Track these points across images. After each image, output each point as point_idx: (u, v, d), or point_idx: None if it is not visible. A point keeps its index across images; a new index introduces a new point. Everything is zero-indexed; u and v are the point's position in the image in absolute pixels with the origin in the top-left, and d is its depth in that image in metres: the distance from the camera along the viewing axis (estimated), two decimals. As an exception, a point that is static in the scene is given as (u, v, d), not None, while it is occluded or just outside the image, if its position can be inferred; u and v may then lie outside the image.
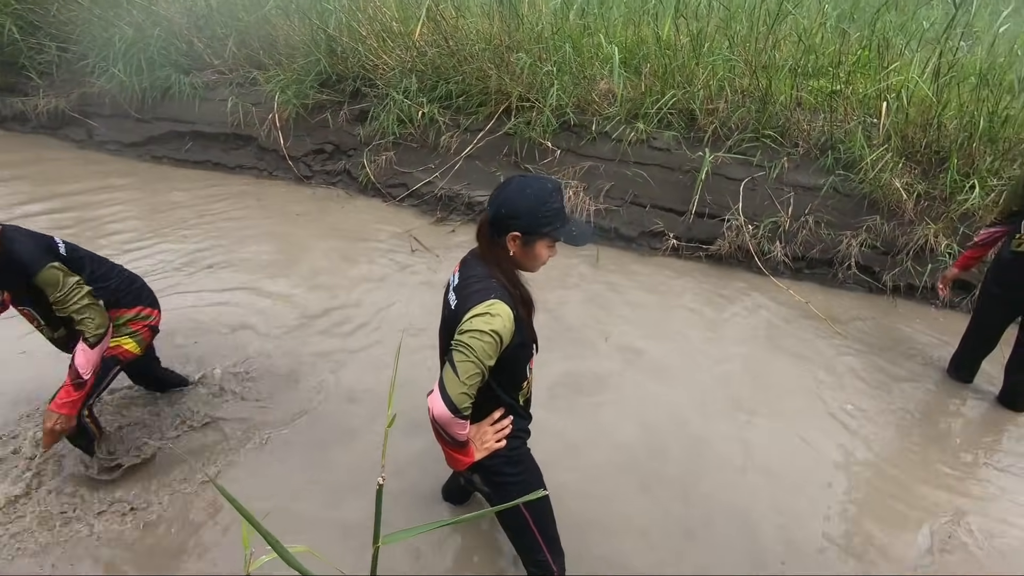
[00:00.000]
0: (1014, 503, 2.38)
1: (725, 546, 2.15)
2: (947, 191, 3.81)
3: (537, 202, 1.45)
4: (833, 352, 3.25)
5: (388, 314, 3.38)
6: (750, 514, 2.27)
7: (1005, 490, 2.45)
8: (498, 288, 1.49)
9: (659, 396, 2.87)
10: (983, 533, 2.25)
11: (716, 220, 4.15)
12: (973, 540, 2.22)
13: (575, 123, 4.70)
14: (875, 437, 2.69)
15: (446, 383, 1.44)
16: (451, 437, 1.50)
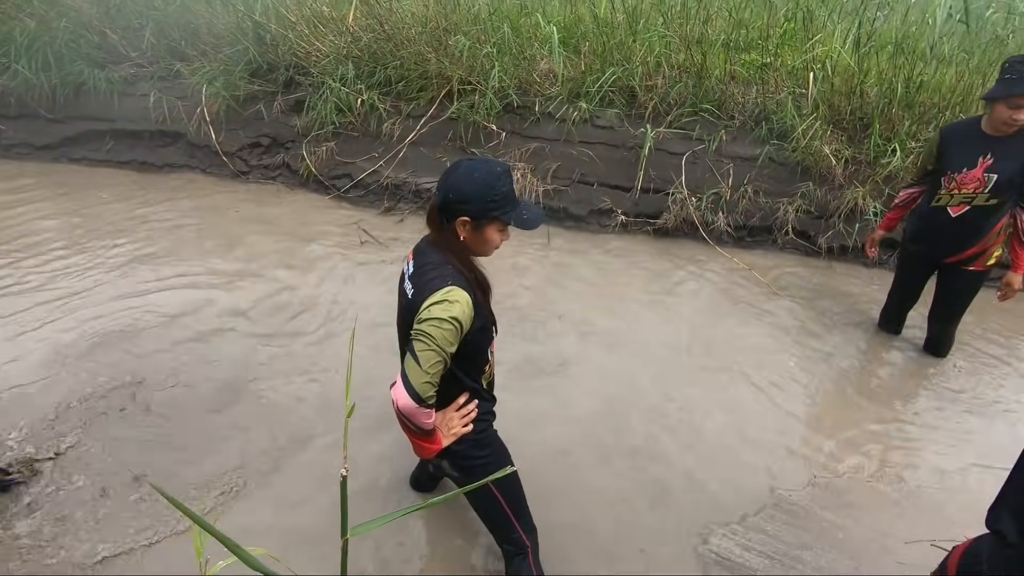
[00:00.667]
0: (931, 440, 2.59)
1: (685, 505, 2.24)
2: (871, 155, 4.04)
3: (486, 186, 1.43)
4: (776, 314, 3.41)
5: (341, 308, 3.31)
6: (706, 472, 2.38)
7: (924, 429, 2.65)
8: (454, 274, 1.48)
9: (615, 368, 2.94)
10: (900, 468, 2.44)
11: (661, 194, 4.25)
12: (890, 476, 2.40)
13: (518, 105, 4.69)
14: (816, 390, 2.86)
15: (408, 373, 1.42)
16: (417, 426, 1.50)
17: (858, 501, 2.28)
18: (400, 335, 1.63)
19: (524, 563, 1.78)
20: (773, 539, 2.12)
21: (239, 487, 2.25)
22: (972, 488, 2.35)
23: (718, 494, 2.29)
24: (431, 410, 1.46)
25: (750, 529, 2.15)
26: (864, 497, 2.30)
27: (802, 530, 2.15)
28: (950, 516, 2.23)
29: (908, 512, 2.25)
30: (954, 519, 2.20)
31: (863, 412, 2.74)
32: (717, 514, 2.21)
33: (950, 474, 2.42)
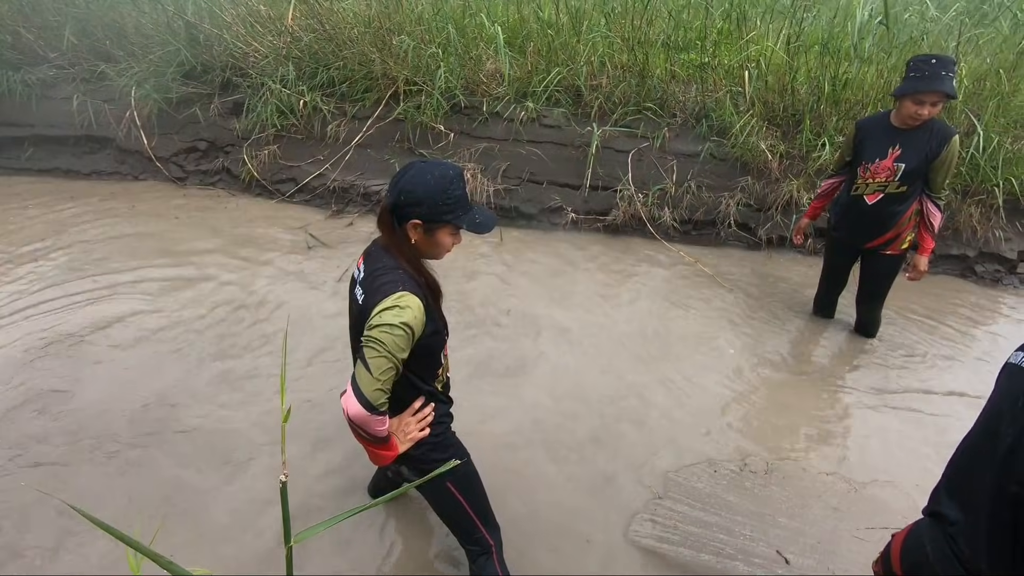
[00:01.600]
0: (863, 418, 2.76)
1: (631, 494, 2.30)
2: (803, 150, 4.25)
3: (438, 189, 1.42)
4: (721, 303, 3.55)
5: (290, 316, 3.21)
6: (652, 458, 2.45)
7: (857, 407, 2.82)
8: (405, 279, 1.46)
9: (567, 362, 2.98)
10: (835, 446, 2.59)
11: (609, 191, 4.34)
12: (825, 455, 2.55)
13: (466, 105, 4.68)
14: (759, 374, 3.00)
15: (359, 381, 1.40)
16: (370, 435, 1.47)
17: (796, 481, 2.40)
18: (352, 342, 1.60)
19: (488, 562, 1.78)
20: (710, 520, 2.20)
21: (177, 507, 2.16)
22: (906, 464, 2.51)
23: (664, 479, 2.36)
24: (384, 417, 1.44)
25: (692, 508, 2.23)
26: (800, 477, 2.42)
27: (741, 512, 2.25)
28: (884, 495, 2.38)
29: (842, 489, 2.38)
30: (887, 498, 2.35)
31: (801, 393, 2.89)
32: (661, 500, 2.28)
33: (882, 452, 2.58)
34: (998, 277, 4.00)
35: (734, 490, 2.33)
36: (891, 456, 2.54)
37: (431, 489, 1.74)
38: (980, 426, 1.23)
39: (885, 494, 2.35)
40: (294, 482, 2.24)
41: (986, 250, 4.02)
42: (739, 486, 2.35)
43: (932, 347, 3.27)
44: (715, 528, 2.18)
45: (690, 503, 2.27)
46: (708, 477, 2.39)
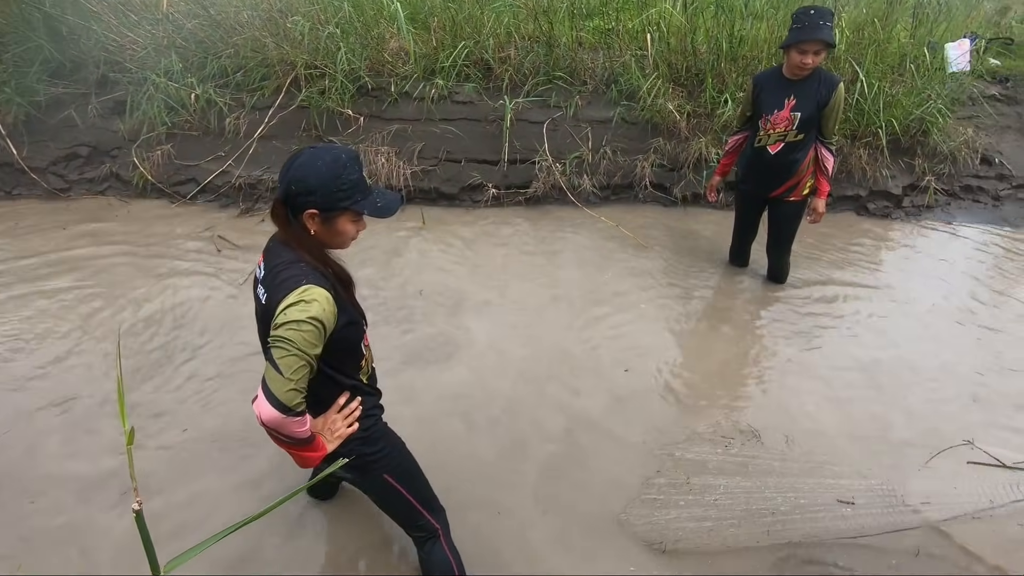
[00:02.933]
0: (782, 356, 2.95)
1: (560, 459, 2.35)
2: (708, 108, 4.40)
3: (331, 175, 1.34)
4: (645, 263, 3.66)
5: (203, 325, 3.02)
6: (581, 420, 2.52)
7: (775, 344, 3.02)
8: (308, 272, 1.38)
9: (499, 338, 2.98)
10: (757, 384, 2.77)
11: (528, 164, 4.33)
12: (749, 392, 2.72)
13: (373, 86, 4.51)
14: (685, 324, 3.13)
15: (269, 383, 1.32)
16: (291, 438, 1.40)
17: (722, 419, 2.54)
18: (262, 344, 1.52)
19: (436, 545, 1.77)
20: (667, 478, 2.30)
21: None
22: (828, 396, 2.71)
23: (587, 440, 2.43)
24: (302, 417, 1.37)
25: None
26: (725, 414, 2.57)
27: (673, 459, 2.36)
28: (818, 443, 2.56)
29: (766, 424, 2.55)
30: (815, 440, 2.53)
31: (723, 338, 3.05)
32: (580, 459, 2.35)
33: (803, 390, 2.77)
34: (887, 212, 4.34)
35: (670, 429, 2.43)
36: (815, 384, 2.73)
37: (369, 484, 1.70)
38: None
39: (818, 442, 2.53)
40: (236, 497, 2.14)
41: (876, 188, 4.34)
42: (680, 426, 2.46)
43: (839, 281, 3.52)
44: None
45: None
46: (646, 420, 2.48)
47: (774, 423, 2.52)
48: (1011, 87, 5.01)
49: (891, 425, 2.54)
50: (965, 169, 4.50)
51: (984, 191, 4.49)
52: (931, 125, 4.38)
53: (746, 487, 2.23)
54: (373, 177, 4.16)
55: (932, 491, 2.23)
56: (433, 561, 1.76)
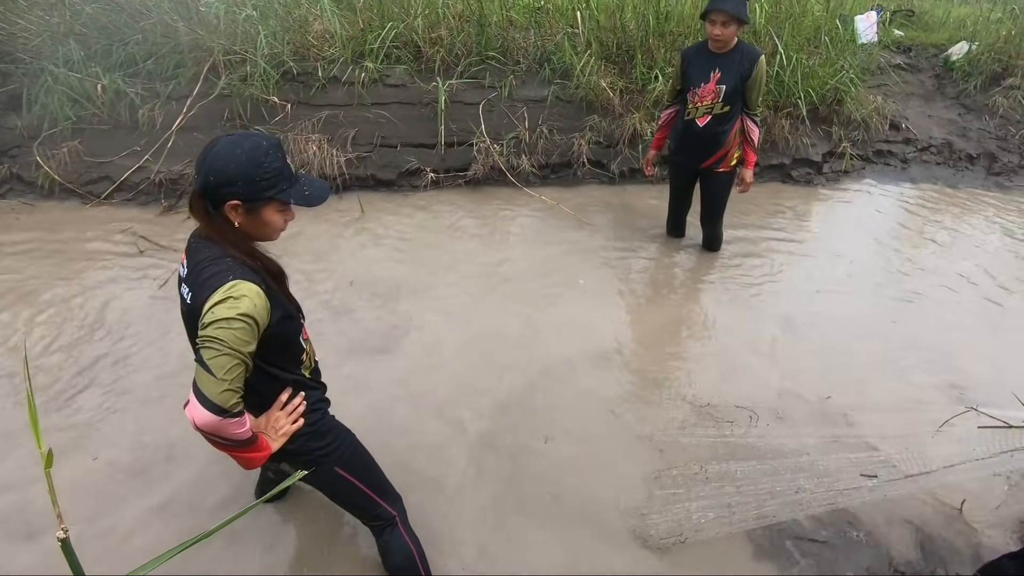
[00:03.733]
0: (719, 320, 3.09)
1: (508, 428, 2.39)
2: (640, 84, 4.48)
3: (252, 163, 1.27)
4: (586, 239, 3.72)
5: (126, 333, 2.84)
6: (526, 394, 2.57)
7: (713, 310, 3.15)
8: (235, 266, 1.32)
9: (442, 326, 2.96)
10: (700, 344, 2.89)
11: (465, 146, 4.29)
12: (693, 353, 2.84)
13: (299, 72, 4.32)
14: (629, 296, 3.22)
15: (201, 386, 1.26)
16: (231, 440, 1.34)
17: (669, 378, 2.65)
18: (192, 346, 1.44)
19: (394, 533, 1.76)
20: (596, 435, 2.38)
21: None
22: (757, 351, 2.86)
23: (531, 411, 2.48)
24: (240, 418, 1.31)
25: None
26: (674, 372, 2.67)
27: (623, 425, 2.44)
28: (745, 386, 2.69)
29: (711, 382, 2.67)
30: (749, 389, 2.67)
31: (664, 306, 3.16)
32: (534, 428, 2.40)
33: (737, 347, 2.91)
34: (810, 179, 4.59)
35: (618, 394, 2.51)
36: (748, 344, 2.87)
37: (321, 479, 1.66)
38: None
39: (745, 385, 2.66)
40: (161, 520, 2.05)
41: (798, 156, 4.57)
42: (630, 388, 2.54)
43: (771, 248, 3.70)
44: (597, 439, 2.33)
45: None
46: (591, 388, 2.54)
47: (745, 396, 2.59)
48: (913, 56, 5.37)
49: (867, 385, 2.67)
50: (876, 135, 4.80)
51: (894, 155, 4.81)
52: (845, 94, 4.64)
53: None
54: (305, 166, 4.01)
55: (951, 455, 2.30)
56: (392, 548, 1.76)
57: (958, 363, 2.82)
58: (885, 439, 2.38)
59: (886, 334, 3.00)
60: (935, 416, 2.49)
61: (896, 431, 2.42)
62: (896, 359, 2.84)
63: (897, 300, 3.29)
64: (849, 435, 2.41)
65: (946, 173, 4.79)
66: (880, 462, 2.29)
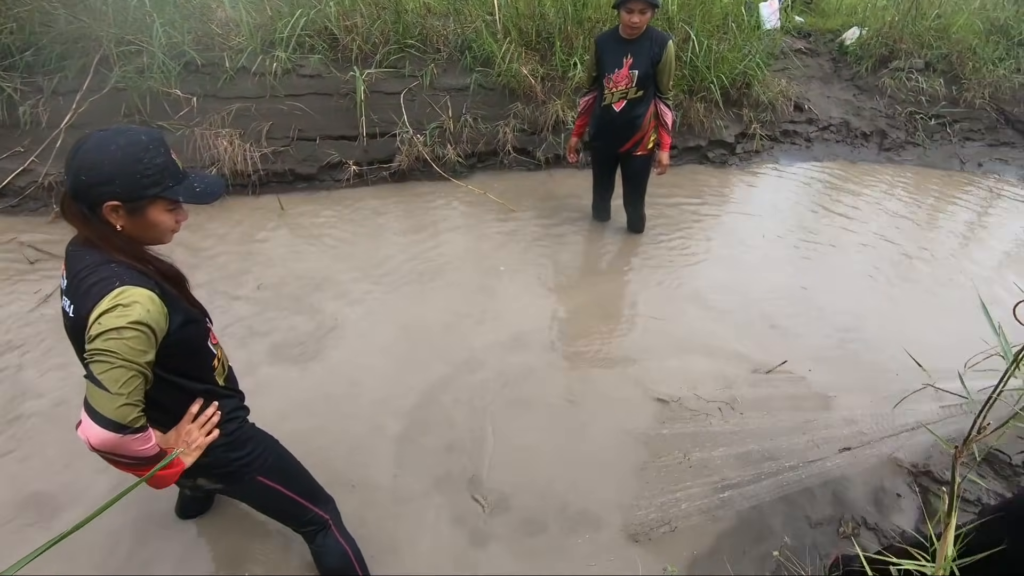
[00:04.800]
0: (646, 296, 3.21)
1: (433, 425, 2.40)
2: (560, 70, 4.52)
3: (130, 159, 1.17)
4: (516, 227, 3.74)
5: (21, 351, 2.60)
6: (453, 389, 2.57)
7: (640, 288, 3.27)
8: (123, 272, 1.21)
9: (371, 321, 2.91)
10: (628, 324, 3.00)
11: (388, 137, 4.19)
12: (622, 330, 2.94)
13: (203, 63, 4.06)
14: (562, 280, 3.27)
15: (94, 403, 1.16)
16: (134, 458, 1.25)
17: (606, 354, 2.72)
18: (81, 362, 1.33)
19: (328, 536, 1.72)
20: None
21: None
22: (679, 322, 2.98)
23: (447, 397, 2.50)
24: (143, 433, 1.22)
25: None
26: (607, 351, 2.75)
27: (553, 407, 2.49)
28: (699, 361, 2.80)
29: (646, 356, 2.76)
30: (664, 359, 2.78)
31: (596, 290, 3.24)
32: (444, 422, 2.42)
33: (667, 327, 3.02)
34: (725, 159, 4.81)
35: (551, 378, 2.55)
36: (678, 324, 2.99)
37: (244, 490, 1.59)
38: None
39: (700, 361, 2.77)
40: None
41: (713, 138, 4.78)
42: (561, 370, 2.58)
43: (692, 225, 3.86)
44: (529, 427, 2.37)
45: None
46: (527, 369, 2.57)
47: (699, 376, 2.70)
48: (812, 41, 5.72)
49: (818, 354, 2.81)
50: (783, 116, 5.09)
51: (799, 134, 5.12)
52: (753, 78, 4.88)
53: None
54: (216, 163, 3.79)
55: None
56: (326, 552, 1.71)
57: (896, 330, 3.02)
58: (852, 410, 2.54)
59: (809, 301, 3.20)
60: (897, 389, 2.59)
61: (860, 401, 2.58)
62: (825, 326, 3.03)
63: (815, 268, 3.52)
64: (805, 394, 2.55)
65: (845, 150, 5.16)
66: (852, 434, 2.42)
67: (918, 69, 5.39)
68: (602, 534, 1.99)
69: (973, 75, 5.32)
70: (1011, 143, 5.32)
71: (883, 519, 2.10)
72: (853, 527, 2.07)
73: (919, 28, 5.47)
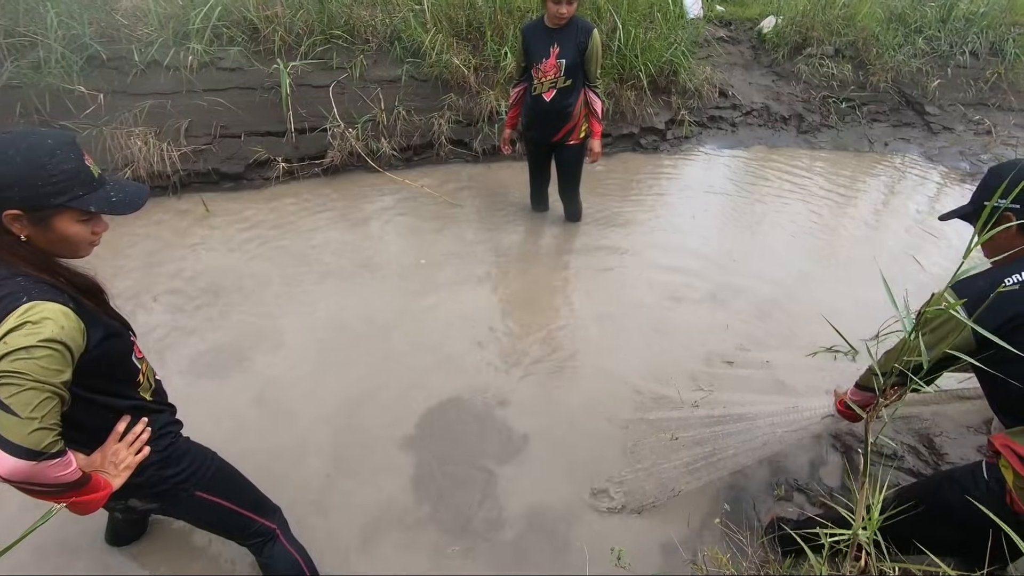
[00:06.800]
0: (583, 283, 3.27)
1: (370, 427, 2.39)
2: (492, 60, 4.50)
3: (33, 164, 1.08)
4: (457, 220, 3.71)
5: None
6: (395, 390, 2.55)
7: (578, 275, 3.33)
8: (29, 286, 1.12)
9: (308, 324, 2.83)
10: (569, 308, 3.05)
11: (318, 132, 4.05)
12: (563, 313, 2.99)
13: (109, 56, 3.78)
14: (503, 270, 3.29)
15: (1, 430, 1.06)
16: (54, 485, 1.16)
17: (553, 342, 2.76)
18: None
19: (276, 547, 1.67)
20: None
21: None
22: (636, 318, 3.06)
23: (392, 395, 2.49)
24: (62, 458, 1.13)
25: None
26: (551, 342, 2.79)
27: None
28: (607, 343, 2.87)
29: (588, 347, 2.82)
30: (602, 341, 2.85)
31: (532, 275, 3.28)
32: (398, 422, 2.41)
33: (616, 313, 3.10)
34: (656, 145, 4.95)
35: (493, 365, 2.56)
36: (626, 300, 3.07)
37: (183, 509, 1.52)
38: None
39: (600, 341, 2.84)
40: None
41: (644, 125, 4.91)
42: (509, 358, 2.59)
43: (627, 211, 3.96)
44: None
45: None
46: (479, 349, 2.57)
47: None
48: (733, 30, 5.96)
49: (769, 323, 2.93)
50: (709, 102, 5.29)
51: (724, 120, 5.34)
52: (679, 66, 5.03)
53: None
54: (130, 164, 3.55)
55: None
56: (275, 562, 1.66)
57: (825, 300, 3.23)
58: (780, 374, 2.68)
59: (739, 273, 3.36)
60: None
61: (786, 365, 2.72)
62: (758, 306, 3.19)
63: (745, 242, 3.69)
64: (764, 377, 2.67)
65: (767, 134, 5.42)
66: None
67: (829, 55, 5.72)
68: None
69: (877, 60, 5.70)
70: (911, 124, 5.76)
71: (812, 480, 2.25)
72: (786, 489, 2.21)
73: (829, 16, 5.80)
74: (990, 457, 1.23)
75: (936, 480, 1.47)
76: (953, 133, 5.65)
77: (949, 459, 2.21)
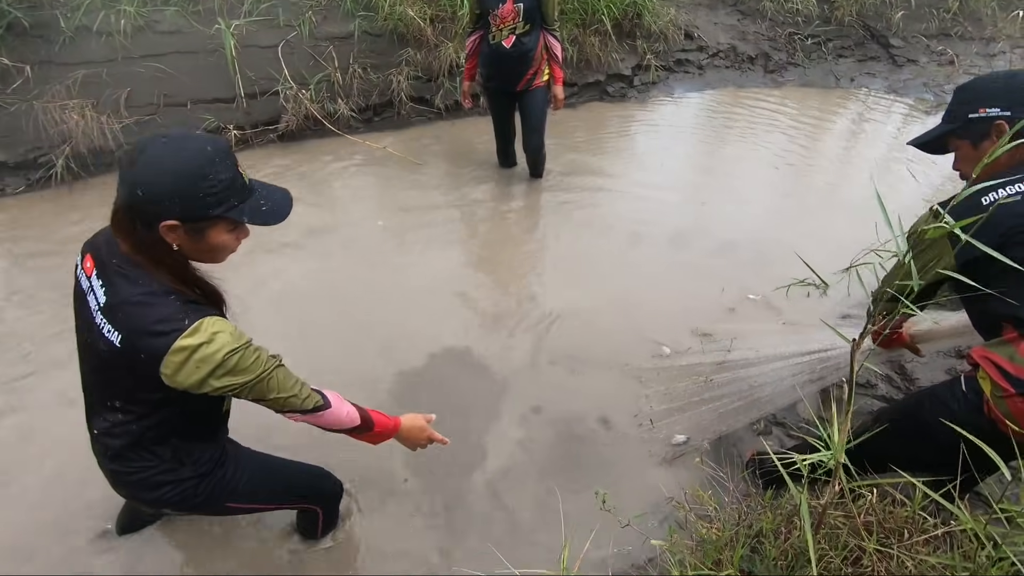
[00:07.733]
0: (550, 235, 3.22)
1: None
2: (449, 11, 4.29)
3: (193, 177, 1.00)
4: (424, 181, 3.59)
5: None
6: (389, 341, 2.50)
7: (546, 225, 3.27)
8: (189, 308, 1.07)
9: (274, 298, 2.72)
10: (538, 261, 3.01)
11: (270, 95, 3.84)
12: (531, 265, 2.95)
13: (32, 23, 3.50)
14: (478, 228, 3.21)
15: (281, 404, 1.21)
16: (343, 428, 1.36)
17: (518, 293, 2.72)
18: (96, 391, 1.20)
19: (310, 516, 1.69)
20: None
21: None
22: (580, 255, 3.02)
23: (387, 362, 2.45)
24: (326, 408, 1.29)
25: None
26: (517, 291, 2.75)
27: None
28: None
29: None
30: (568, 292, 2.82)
31: (507, 231, 3.22)
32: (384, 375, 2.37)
33: (570, 266, 3.05)
34: (624, 92, 4.84)
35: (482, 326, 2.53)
36: (576, 256, 3.03)
37: (214, 513, 1.57)
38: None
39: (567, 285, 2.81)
40: None
41: (611, 72, 4.78)
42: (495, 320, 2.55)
43: (595, 162, 3.88)
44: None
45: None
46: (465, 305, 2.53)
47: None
48: (696, -33, 5.76)
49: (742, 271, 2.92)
50: (674, 45, 5.16)
51: (691, 63, 5.23)
52: (643, 8, 4.88)
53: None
54: (69, 140, 3.32)
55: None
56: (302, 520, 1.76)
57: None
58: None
59: (711, 216, 3.34)
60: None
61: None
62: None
63: (716, 187, 3.66)
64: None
65: (734, 75, 5.33)
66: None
67: (794, -10, 5.61)
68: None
69: (842, -6, 5.62)
70: (876, 57, 5.72)
71: (790, 414, 2.29)
72: (765, 425, 2.25)
73: (792, -51, 5.66)
74: (968, 372, 1.24)
75: (915, 398, 1.50)
76: (917, 65, 5.64)
77: (921, 383, 2.27)
